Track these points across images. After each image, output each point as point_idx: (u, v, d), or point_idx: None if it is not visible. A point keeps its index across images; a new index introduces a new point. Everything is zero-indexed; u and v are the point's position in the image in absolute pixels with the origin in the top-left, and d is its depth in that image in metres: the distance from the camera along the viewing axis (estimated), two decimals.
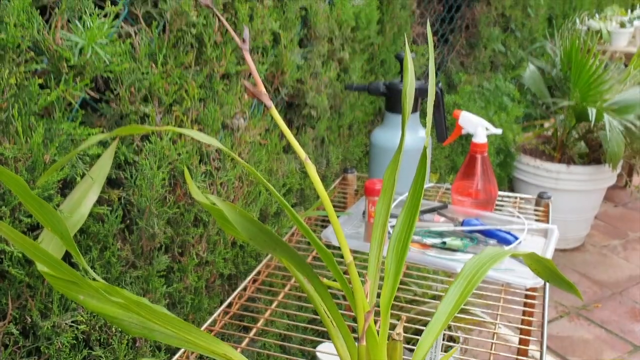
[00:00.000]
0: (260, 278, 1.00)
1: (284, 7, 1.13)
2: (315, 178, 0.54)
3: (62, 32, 0.71)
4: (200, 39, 0.94)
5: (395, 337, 0.60)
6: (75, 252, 0.49)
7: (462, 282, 0.63)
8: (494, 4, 2.29)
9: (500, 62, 2.55)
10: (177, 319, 0.54)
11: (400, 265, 0.61)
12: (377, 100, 1.66)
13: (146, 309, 0.51)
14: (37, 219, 0.48)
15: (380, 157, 1.22)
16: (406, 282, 1.23)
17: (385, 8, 1.58)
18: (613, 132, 2.22)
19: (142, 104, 0.85)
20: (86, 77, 0.74)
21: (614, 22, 3.39)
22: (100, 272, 0.83)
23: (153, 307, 0.52)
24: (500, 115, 2.33)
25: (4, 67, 0.65)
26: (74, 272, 0.48)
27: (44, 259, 0.48)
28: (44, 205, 0.47)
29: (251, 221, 0.48)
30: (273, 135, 1.19)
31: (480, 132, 1.14)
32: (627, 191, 3.08)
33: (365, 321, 0.55)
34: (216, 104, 1.00)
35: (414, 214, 0.60)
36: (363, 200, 1.22)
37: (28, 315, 0.74)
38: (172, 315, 0.54)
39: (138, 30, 0.85)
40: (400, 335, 0.60)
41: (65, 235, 0.48)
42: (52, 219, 0.47)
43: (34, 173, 0.70)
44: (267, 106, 0.53)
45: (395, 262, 0.61)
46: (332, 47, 1.34)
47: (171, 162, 0.91)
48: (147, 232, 0.89)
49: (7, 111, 0.67)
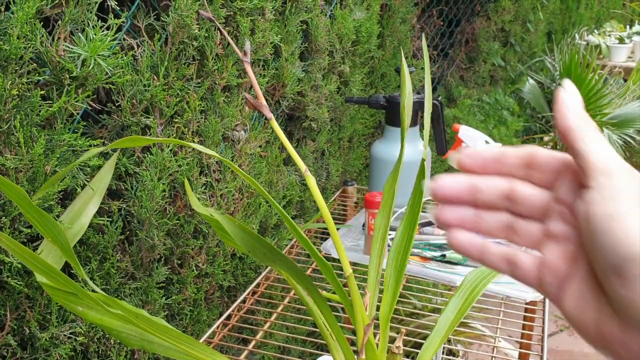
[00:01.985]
0: (260, 290, 1.00)
1: (285, 21, 1.14)
2: (315, 190, 0.54)
3: (64, 44, 0.71)
4: (202, 52, 0.94)
5: (394, 351, 0.60)
6: (75, 263, 0.49)
7: (462, 295, 0.63)
8: (493, 18, 2.31)
9: (500, 76, 2.57)
10: (176, 331, 0.54)
11: (400, 277, 0.60)
12: (377, 113, 1.66)
13: (145, 321, 0.51)
14: (37, 229, 0.48)
15: (381, 170, 1.22)
16: (406, 295, 1.23)
17: (385, 22, 1.59)
18: (612, 146, 2.22)
19: (143, 116, 0.85)
20: (88, 88, 0.74)
21: (612, 38, 3.41)
22: (100, 284, 0.83)
23: (152, 319, 0.52)
24: (500, 129, 2.33)
25: (7, 78, 0.65)
26: (73, 283, 0.48)
27: (43, 270, 0.48)
28: (44, 216, 0.47)
29: (249, 234, 0.49)
30: (273, 147, 1.20)
31: (480, 145, 1.14)
32: None
33: (365, 334, 0.54)
34: (217, 116, 1.00)
35: (413, 226, 0.61)
36: (363, 212, 1.22)
37: (26, 327, 0.74)
38: (171, 327, 0.54)
39: (140, 43, 0.86)
40: (399, 348, 0.60)
41: (65, 246, 0.48)
42: (52, 230, 0.47)
43: (34, 184, 0.70)
44: (267, 118, 0.53)
45: (395, 274, 0.61)
46: (333, 60, 1.34)
47: (172, 173, 0.91)
48: (147, 244, 0.89)
49: (9, 122, 0.67)
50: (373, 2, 1.44)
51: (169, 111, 0.89)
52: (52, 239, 0.48)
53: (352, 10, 1.37)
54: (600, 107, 2.34)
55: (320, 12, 1.24)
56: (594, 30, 3.56)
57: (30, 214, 0.47)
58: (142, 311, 0.53)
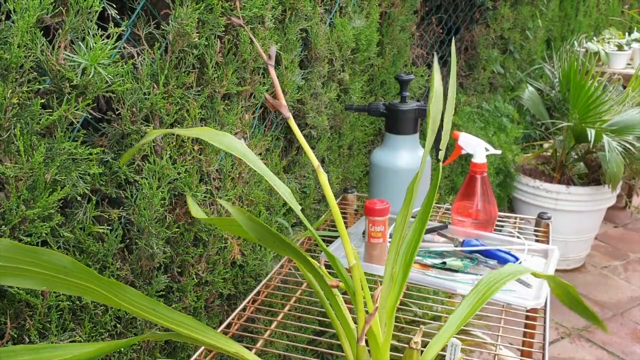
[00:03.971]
0: (260, 298, 1.00)
1: (285, 29, 1.14)
2: (325, 185, 0.58)
3: (65, 53, 0.71)
4: (202, 60, 0.95)
5: (413, 346, 0.60)
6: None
7: (478, 293, 0.64)
8: (492, 26, 2.32)
9: (499, 83, 2.57)
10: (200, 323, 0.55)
11: (407, 271, 0.64)
12: (377, 121, 1.67)
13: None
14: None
15: (380, 177, 1.22)
16: (406, 303, 1.23)
17: (385, 30, 1.60)
18: (612, 153, 2.22)
19: (143, 124, 0.85)
20: (88, 97, 0.74)
21: (611, 45, 3.42)
22: None
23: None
24: (499, 136, 2.34)
25: (7, 87, 0.66)
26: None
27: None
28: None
29: (259, 224, 0.51)
30: (273, 155, 1.20)
31: (480, 152, 1.14)
32: (627, 212, 3.08)
33: (367, 323, 0.55)
34: (217, 124, 1.00)
35: (424, 224, 0.66)
36: (363, 220, 1.22)
37: (26, 335, 0.74)
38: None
39: (140, 51, 0.86)
40: (417, 344, 0.61)
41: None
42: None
43: (34, 192, 0.70)
44: (285, 117, 0.58)
45: (404, 268, 0.65)
46: (333, 68, 1.35)
47: (171, 181, 0.91)
48: (147, 252, 0.89)
49: (9, 130, 0.67)
50: (372, 10, 1.45)
51: (168, 119, 0.89)
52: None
53: (352, 18, 1.38)
54: (600, 114, 2.34)
55: (319, 20, 1.25)
56: (592, 38, 3.57)
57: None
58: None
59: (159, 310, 0.53)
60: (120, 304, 0.51)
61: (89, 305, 0.81)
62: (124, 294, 0.51)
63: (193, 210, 0.67)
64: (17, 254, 0.45)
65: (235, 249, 1.08)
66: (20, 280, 0.46)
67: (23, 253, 0.45)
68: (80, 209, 0.80)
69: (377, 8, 1.45)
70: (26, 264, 0.45)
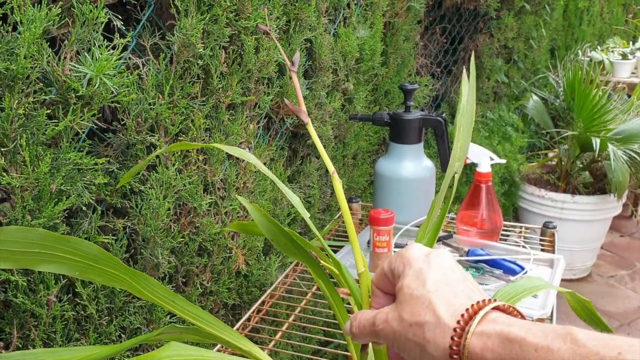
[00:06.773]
0: (265, 308, 1.00)
1: (289, 39, 1.15)
2: (339, 192, 0.58)
3: (71, 64, 0.72)
4: (207, 70, 0.95)
5: None
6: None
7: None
8: (496, 35, 2.32)
9: (504, 92, 2.57)
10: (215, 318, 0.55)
11: None
12: (381, 130, 1.67)
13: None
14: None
15: (385, 187, 1.22)
16: None
17: (389, 40, 1.60)
18: (617, 161, 2.22)
19: (148, 134, 0.86)
20: (94, 107, 0.75)
21: (615, 54, 3.42)
22: (104, 302, 0.82)
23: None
24: (504, 145, 2.33)
25: (13, 98, 0.66)
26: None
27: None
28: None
29: (274, 224, 0.53)
30: (278, 164, 1.20)
31: (485, 161, 1.14)
32: (633, 221, 3.06)
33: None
34: (222, 134, 1.00)
35: (437, 229, 0.68)
36: (368, 229, 1.22)
37: (31, 345, 0.74)
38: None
39: (146, 62, 0.86)
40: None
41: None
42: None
43: (40, 202, 0.71)
44: (304, 122, 0.59)
45: None
46: (337, 78, 1.35)
47: (177, 191, 0.91)
48: (152, 262, 0.89)
49: (15, 140, 0.68)
50: (376, 20, 1.45)
51: (173, 129, 0.89)
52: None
53: (356, 28, 1.38)
54: (605, 123, 2.34)
55: (324, 30, 1.25)
56: (597, 47, 3.57)
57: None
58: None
59: (178, 302, 0.54)
60: (144, 294, 0.52)
61: (94, 315, 0.81)
62: (147, 284, 0.53)
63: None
64: (51, 242, 0.47)
65: (239, 258, 1.08)
66: (56, 266, 0.48)
67: (56, 241, 0.47)
68: (86, 219, 0.80)
69: (381, 18, 1.46)
70: (60, 251, 0.48)
